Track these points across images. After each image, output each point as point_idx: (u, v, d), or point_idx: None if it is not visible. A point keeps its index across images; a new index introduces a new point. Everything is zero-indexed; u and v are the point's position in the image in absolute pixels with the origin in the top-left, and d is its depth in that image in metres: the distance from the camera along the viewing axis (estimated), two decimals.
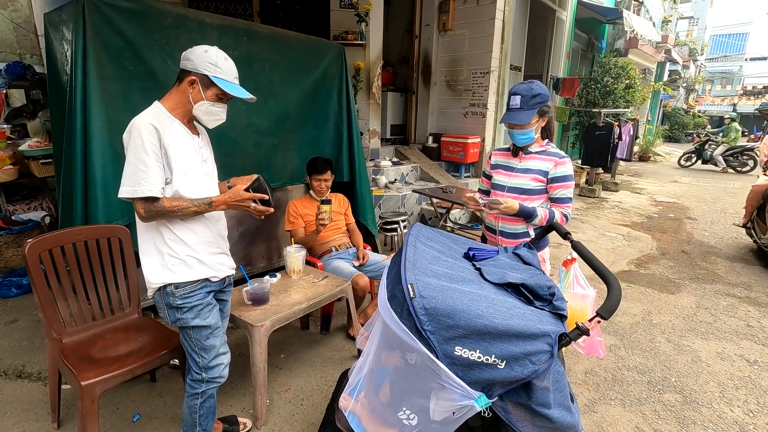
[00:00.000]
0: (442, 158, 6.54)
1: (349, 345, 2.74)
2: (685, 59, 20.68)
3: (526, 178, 1.98)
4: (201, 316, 1.60)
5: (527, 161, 2.00)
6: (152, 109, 1.50)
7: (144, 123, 1.41)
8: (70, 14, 2.15)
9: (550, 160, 1.95)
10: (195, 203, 1.50)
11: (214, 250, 1.65)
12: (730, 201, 7.67)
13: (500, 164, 2.11)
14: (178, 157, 1.48)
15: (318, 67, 3.17)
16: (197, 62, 1.46)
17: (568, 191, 1.94)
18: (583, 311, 1.41)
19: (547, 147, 2.00)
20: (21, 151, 3.51)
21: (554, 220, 1.89)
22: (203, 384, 1.65)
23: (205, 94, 1.50)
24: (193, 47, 1.50)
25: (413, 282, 1.16)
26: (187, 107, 1.52)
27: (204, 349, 1.62)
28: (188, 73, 1.48)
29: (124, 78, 2.26)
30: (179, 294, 1.55)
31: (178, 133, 1.50)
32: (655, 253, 4.83)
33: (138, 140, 1.39)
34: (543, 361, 1.10)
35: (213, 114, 1.55)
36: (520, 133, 1.93)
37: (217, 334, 1.66)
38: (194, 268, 1.57)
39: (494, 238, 2.10)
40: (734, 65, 36.80)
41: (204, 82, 1.49)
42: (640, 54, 12.19)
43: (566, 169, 1.93)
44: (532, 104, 1.88)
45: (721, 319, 3.28)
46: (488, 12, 6.04)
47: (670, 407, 2.28)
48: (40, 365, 2.40)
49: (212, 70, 1.47)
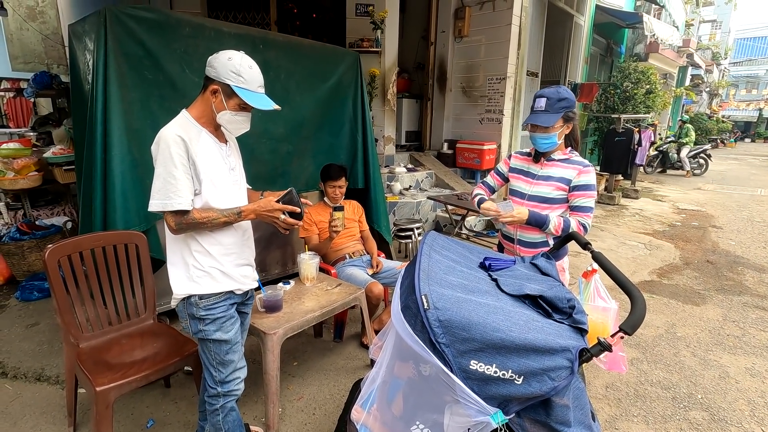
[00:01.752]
0: (457, 165, 6.49)
1: (363, 354, 2.71)
2: (708, 63, 20.19)
3: (548, 187, 1.91)
4: (223, 329, 1.58)
5: (549, 168, 1.93)
6: (179, 119, 1.48)
7: (171, 135, 1.39)
8: (93, 25, 2.21)
9: (574, 168, 1.88)
10: (225, 213, 1.48)
11: (240, 261, 1.62)
12: (757, 209, 7.40)
13: (520, 169, 2.04)
14: (206, 167, 1.46)
15: (333, 75, 3.18)
16: (220, 70, 1.41)
17: (589, 200, 1.86)
18: (605, 325, 1.36)
19: (571, 155, 1.92)
20: (45, 158, 3.61)
21: (571, 229, 1.81)
22: (220, 399, 1.62)
23: (227, 103, 1.45)
24: (218, 53, 1.44)
25: (427, 293, 1.13)
26: (213, 115, 1.49)
27: (222, 364, 1.60)
28: (211, 81, 1.44)
29: (144, 86, 2.30)
30: (203, 305, 1.53)
31: (205, 142, 1.48)
32: (678, 262, 4.68)
33: (166, 152, 1.38)
34: (563, 377, 1.05)
35: (237, 123, 1.51)
36: (543, 137, 1.86)
37: (236, 349, 1.64)
38: (219, 280, 1.55)
39: (512, 247, 2.04)
40: (760, 69, 35.73)
41: (226, 92, 1.44)
42: (661, 59, 11.94)
43: (589, 178, 1.86)
44: (558, 108, 1.82)
45: (749, 332, 3.14)
46: (504, 18, 6.00)
47: (696, 426, 2.18)
48: (59, 369, 2.44)
49: (234, 80, 1.42)
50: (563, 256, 1.99)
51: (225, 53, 1.44)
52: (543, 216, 1.84)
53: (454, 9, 6.44)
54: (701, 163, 11.41)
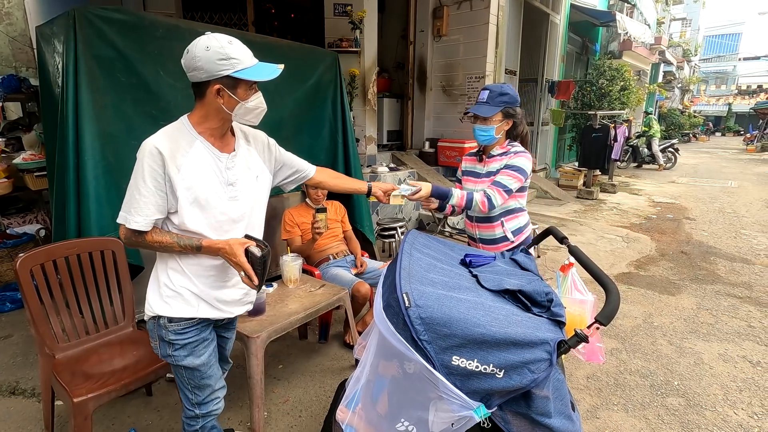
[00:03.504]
0: (439, 163, 6.54)
1: (348, 354, 2.71)
2: (679, 60, 20.81)
3: (489, 182, 1.96)
4: (195, 354, 1.43)
5: (490, 164, 2.00)
6: (173, 125, 1.34)
7: (149, 146, 1.25)
8: (61, 27, 2.15)
9: (508, 157, 1.96)
10: (181, 244, 1.31)
11: (221, 283, 1.44)
12: (728, 201, 7.67)
13: (469, 170, 2.12)
14: (191, 182, 1.30)
15: (312, 75, 3.16)
16: (209, 67, 1.22)
17: (506, 178, 1.89)
18: (582, 317, 1.39)
19: (509, 147, 1.98)
20: (15, 164, 3.49)
21: (473, 202, 1.86)
22: (199, 420, 1.52)
23: (238, 95, 1.28)
24: (188, 52, 1.25)
25: (408, 291, 1.14)
26: (218, 119, 1.33)
27: (198, 387, 1.49)
28: (207, 83, 1.26)
29: (117, 90, 2.25)
30: (172, 329, 1.40)
31: (196, 154, 1.31)
32: (654, 254, 4.82)
33: (139, 165, 1.26)
34: (542, 369, 1.08)
35: (254, 109, 1.36)
36: (482, 129, 1.94)
37: (212, 372, 1.50)
38: (191, 304, 1.40)
39: (475, 245, 2.09)
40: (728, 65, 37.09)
41: (229, 84, 1.26)
42: (635, 56, 12.26)
43: (515, 161, 1.92)
44: (498, 101, 1.90)
45: (722, 320, 3.25)
46: (482, 17, 6.07)
47: (673, 411, 2.25)
48: (34, 381, 2.37)
49: (229, 66, 1.23)
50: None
51: (197, 47, 1.23)
52: (446, 189, 1.89)
53: (433, 8, 6.49)
54: (669, 157, 11.78)
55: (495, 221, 2.01)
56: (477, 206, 1.87)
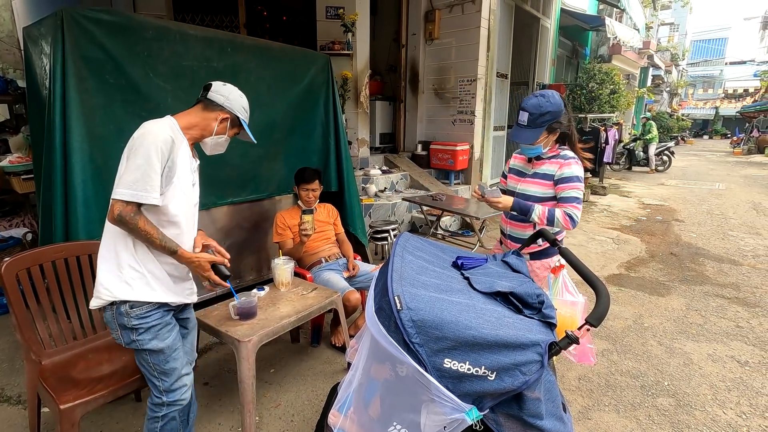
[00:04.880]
0: (431, 166, 6.55)
1: (340, 357, 2.69)
2: (667, 64, 21.12)
3: (535, 185, 1.96)
4: (159, 337, 1.51)
5: (539, 166, 1.97)
6: (168, 122, 1.49)
7: (163, 133, 1.41)
8: (49, 28, 2.12)
9: (556, 162, 1.92)
10: (163, 241, 1.44)
11: (181, 273, 1.59)
12: (715, 202, 7.78)
13: (516, 168, 2.10)
14: (181, 173, 1.49)
15: (304, 78, 3.16)
16: (234, 104, 1.59)
17: (573, 191, 1.86)
18: (573, 318, 1.40)
19: (558, 151, 1.94)
20: (2, 166, 3.43)
21: (556, 219, 1.84)
22: (164, 408, 1.56)
23: (228, 131, 1.64)
24: (228, 86, 1.61)
25: (400, 294, 1.14)
26: (202, 133, 1.58)
27: (164, 373, 1.54)
28: (221, 108, 1.57)
29: (106, 91, 2.23)
30: (135, 314, 1.46)
31: (184, 153, 1.52)
32: (644, 255, 4.87)
33: (153, 146, 1.37)
34: (533, 371, 1.08)
35: (222, 146, 1.67)
36: (528, 149, 1.93)
37: (177, 356, 1.57)
38: (155, 289, 1.49)
39: (505, 242, 2.12)
40: (715, 69, 37.72)
41: (234, 123, 1.63)
42: (624, 60, 12.42)
43: (571, 170, 1.87)
44: (540, 123, 1.83)
45: (711, 320, 3.29)
46: (473, 21, 6.11)
47: (663, 412, 2.27)
48: (20, 388, 2.32)
49: (243, 115, 1.64)
50: (553, 254, 1.97)
51: (235, 90, 1.63)
52: (528, 205, 1.87)
53: (424, 12, 6.52)
54: (665, 159, 11.93)
55: (529, 222, 1.98)
56: (559, 224, 1.84)
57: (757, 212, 7.02)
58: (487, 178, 7.03)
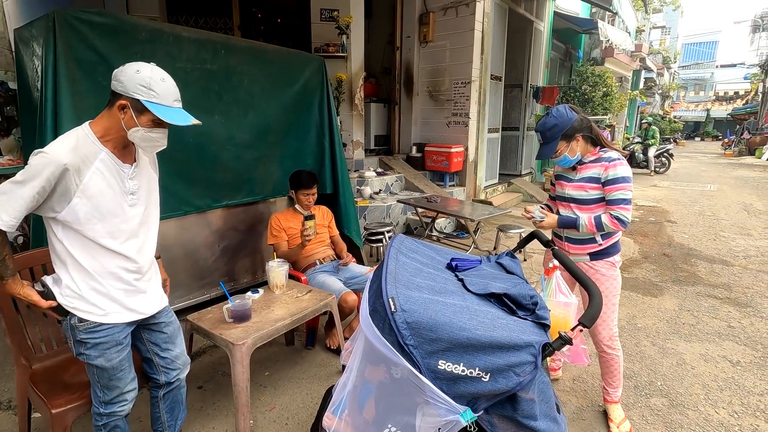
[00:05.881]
0: (426, 168, 6.57)
1: (335, 360, 2.69)
2: (659, 67, 21.34)
3: (581, 189, 2.00)
4: (105, 356, 1.44)
5: (583, 171, 2.01)
6: (79, 134, 1.35)
7: (55, 160, 1.25)
8: (41, 29, 2.11)
9: (601, 165, 1.94)
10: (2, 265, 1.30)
11: (135, 284, 1.49)
12: (707, 204, 7.86)
13: (561, 175, 2.14)
14: (93, 191, 1.34)
15: (298, 80, 3.16)
16: (128, 84, 1.31)
17: (621, 192, 1.89)
18: (566, 319, 1.41)
19: (600, 153, 1.98)
20: None
21: (603, 224, 1.89)
22: (103, 417, 1.53)
23: (138, 120, 1.34)
24: (125, 65, 1.34)
25: (394, 295, 1.14)
26: (120, 133, 1.37)
27: (107, 387, 1.50)
28: (119, 96, 1.33)
29: (98, 93, 2.21)
30: (83, 328, 1.40)
31: (101, 166, 1.36)
32: (637, 256, 4.90)
33: (35, 171, 1.24)
34: (527, 372, 1.09)
35: (151, 140, 1.40)
36: (558, 161, 2.01)
37: (122, 375, 1.51)
38: (99, 306, 1.41)
39: (561, 243, 2.13)
40: (706, 72, 38.19)
41: (136, 107, 1.33)
42: (616, 62, 12.52)
43: (617, 171, 1.90)
44: (551, 136, 1.94)
45: (703, 320, 3.32)
46: (467, 23, 6.15)
47: (657, 411, 2.28)
48: (10, 393, 2.29)
49: (145, 94, 1.31)
50: (614, 253, 2.03)
51: (132, 65, 1.33)
52: (572, 218, 1.96)
53: (419, 14, 6.55)
54: (664, 162, 11.98)
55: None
56: (608, 227, 1.89)
57: (748, 213, 7.10)
58: (481, 179, 7.06)
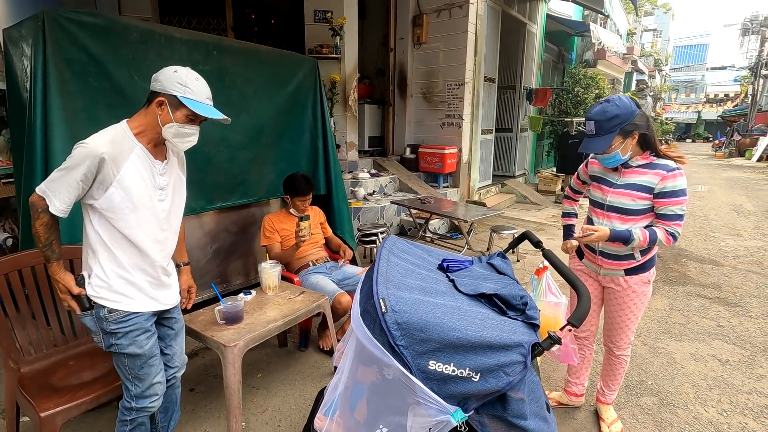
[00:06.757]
0: (420, 169, 6.59)
1: (328, 361, 2.68)
2: (650, 69, 21.57)
3: (627, 197, 1.77)
4: (137, 344, 1.51)
5: (628, 176, 1.78)
6: (116, 131, 1.45)
7: (97, 151, 1.36)
8: (30, 29, 2.09)
9: (656, 173, 1.72)
10: (45, 248, 1.43)
11: (160, 277, 1.57)
12: (698, 204, 7.95)
13: (598, 176, 1.91)
14: (128, 183, 1.43)
15: (291, 81, 3.15)
16: (166, 83, 1.43)
17: (678, 207, 1.70)
18: (556, 319, 1.42)
19: (652, 159, 1.75)
20: None
21: (658, 240, 1.72)
22: (133, 412, 1.57)
23: (174, 115, 1.45)
24: (163, 68, 1.47)
25: (385, 296, 1.14)
26: (155, 130, 1.47)
27: (138, 378, 1.55)
28: (157, 94, 1.45)
29: (89, 94, 2.19)
30: (112, 318, 1.47)
31: (136, 159, 1.45)
32: None
33: (77, 160, 1.35)
34: (517, 371, 1.10)
35: (184, 136, 1.50)
36: (605, 158, 1.77)
37: (153, 362, 1.58)
38: (129, 296, 1.49)
39: (593, 257, 1.95)
40: (697, 74, 38.66)
41: (173, 103, 1.45)
42: (608, 65, 12.65)
43: (677, 183, 1.69)
44: (609, 128, 1.66)
45: (693, 320, 3.36)
46: (461, 25, 6.18)
47: (647, 410, 2.30)
48: None
49: (181, 91, 1.44)
50: (650, 268, 1.87)
51: (170, 68, 1.46)
52: (625, 233, 1.72)
53: (412, 16, 6.57)
54: None
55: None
56: (661, 243, 1.73)
57: (737, 214, 7.19)
58: (475, 181, 7.08)
